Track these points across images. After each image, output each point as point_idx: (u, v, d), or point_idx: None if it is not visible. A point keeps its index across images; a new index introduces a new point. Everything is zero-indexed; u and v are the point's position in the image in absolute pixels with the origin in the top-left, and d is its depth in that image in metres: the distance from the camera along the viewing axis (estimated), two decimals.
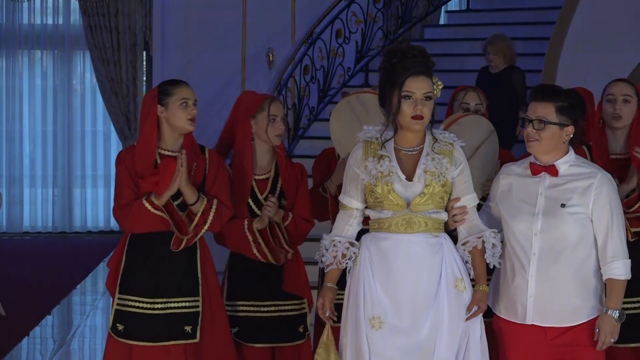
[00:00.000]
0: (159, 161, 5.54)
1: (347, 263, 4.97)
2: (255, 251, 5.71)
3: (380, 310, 4.83)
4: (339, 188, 5.60)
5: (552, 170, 5.05)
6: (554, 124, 4.99)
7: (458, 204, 4.95)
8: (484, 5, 15.17)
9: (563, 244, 4.97)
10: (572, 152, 5.09)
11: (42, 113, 17.48)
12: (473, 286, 4.93)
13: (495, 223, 5.13)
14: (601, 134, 5.81)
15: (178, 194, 5.53)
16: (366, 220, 5.05)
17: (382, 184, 4.85)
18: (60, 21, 17.29)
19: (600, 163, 5.50)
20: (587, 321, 4.97)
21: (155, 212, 5.44)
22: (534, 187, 5.07)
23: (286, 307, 5.86)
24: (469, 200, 4.99)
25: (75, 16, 17.15)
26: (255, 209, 5.82)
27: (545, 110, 5.01)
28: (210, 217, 5.56)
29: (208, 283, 5.64)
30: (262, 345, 5.82)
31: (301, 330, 5.89)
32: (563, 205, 4.97)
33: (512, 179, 5.16)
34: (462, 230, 5.00)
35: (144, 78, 16.80)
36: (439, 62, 12.58)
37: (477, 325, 4.90)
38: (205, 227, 5.57)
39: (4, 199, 12.78)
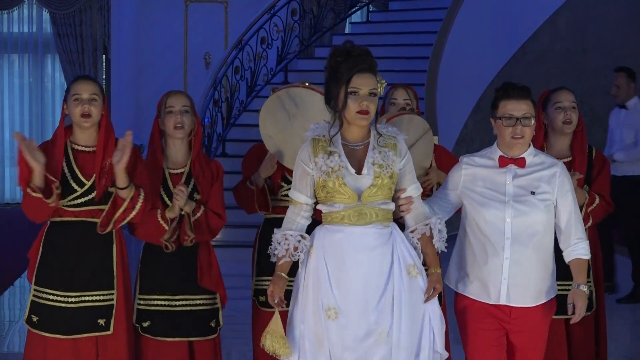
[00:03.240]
0: (71, 156, 4.86)
1: (299, 255, 4.40)
2: (164, 239, 5.03)
3: (335, 301, 4.28)
4: (266, 181, 5.29)
5: (521, 162, 4.55)
6: (535, 118, 4.56)
7: (404, 195, 4.44)
8: (381, 18, 15.24)
9: (534, 229, 4.50)
10: (531, 144, 4.65)
11: (19, 107, 17.30)
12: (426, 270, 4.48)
13: (449, 208, 4.68)
14: (542, 139, 5.31)
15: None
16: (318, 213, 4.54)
17: (333, 178, 4.29)
18: (34, 29, 17.12)
19: None
20: (545, 302, 4.58)
21: (33, 194, 4.67)
22: (500, 177, 4.56)
23: (198, 302, 5.13)
24: (414, 189, 4.46)
25: (47, 25, 16.99)
26: (167, 200, 5.06)
27: (527, 106, 4.51)
28: (139, 204, 4.84)
29: (124, 277, 4.97)
30: (174, 339, 5.09)
31: (213, 325, 5.15)
32: (533, 193, 4.51)
33: (475, 170, 4.61)
34: (409, 219, 4.47)
35: (104, 77, 16.63)
36: None
37: (436, 306, 4.41)
38: (133, 213, 4.83)
39: None
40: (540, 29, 14.35)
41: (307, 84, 5.00)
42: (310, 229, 4.49)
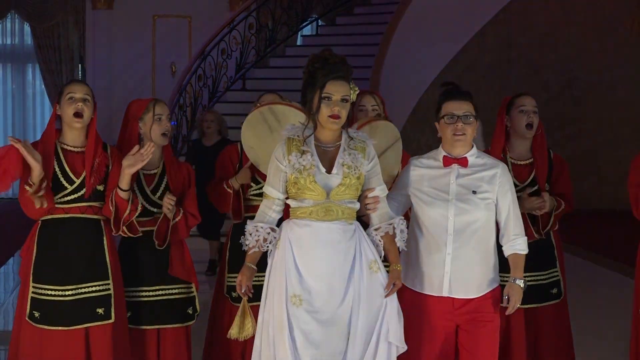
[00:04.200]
0: (61, 155, 4.69)
1: (267, 246, 4.24)
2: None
3: (300, 289, 4.12)
4: (242, 186, 5.17)
5: (463, 162, 4.39)
6: (476, 117, 4.40)
7: (372, 194, 4.29)
8: (329, 31, 15.21)
9: (474, 226, 4.33)
10: (474, 145, 4.48)
11: (3, 111, 17.21)
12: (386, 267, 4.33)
13: (399, 208, 4.53)
14: (504, 141, 5.14)
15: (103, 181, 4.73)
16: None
17: (305, 176, 4.15)
18: (16, 41, 17.03)
19: None
20: (488, 292, 4.40)
21: (28, 188, 4.52)
22: (444, 177, 4.39)
23: (174, 291, 4.95)
24: (381, 190, 4.32)
25: (28, 38, 16.89)
26: (142, 200, 4.85)
27: (468, 106, 4.36)
28: (139, 206, 4.75)
29: (116, 267, 4.79)
30: (152, 327, 4.93)
31: (190, 311, 5.00)
32: (474, 192, 4.34)
33: (422, 171, 4.45)
34: (374, 217, 4.32)
35: None
36: (296, 73, 12.65)
37: (394, 300, 4.23)
38: (137, 213, 4.72)
39: None
40: (470, 42, 14.46)
41: (290, 102, 4.81)
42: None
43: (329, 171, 4.18)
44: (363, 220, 4.39)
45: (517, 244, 4.42)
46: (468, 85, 14.37)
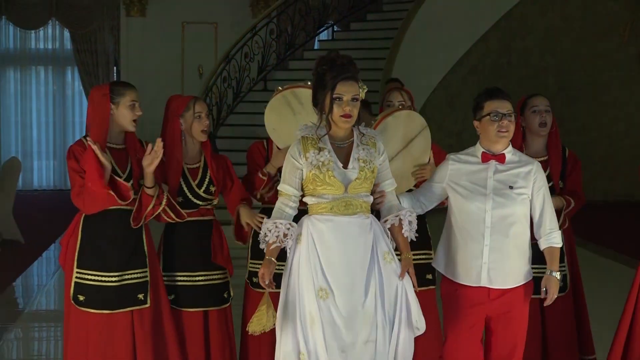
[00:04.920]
0: (108, 153, 4.52)
1: (287, 241, 4.09)
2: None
3: (325, 283, 3.99)
4: (278, 170, 4.86)
5: (501, 158, 4.27)
6: (517, 116, 4.32)
7: (379, 189, 4.19)
8: (343, 36, 15.22)
9: (511, 220, 4.22)
10: (510, 143, 4.37)
11: (44, 110, 17.22)
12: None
13: (434, 199, 4.43)
14: (521, 140, 4.99)
15: (127, 177, 4.62)
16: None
17: (324, 171, 4.02)
18: (57, 46, 17.05)
19: None
20: (522, 284, 4.30)
21: (112, 193, 4.48)
22: (482, 172, 4.27)
23: (214, 277, 4.87)
24: (389, 185, 4.21)
25: (67, 42, 16.90)
26: (187, 192, 4.78)
27: (509, 106, 4.25)
28: (164, 200, 4.61)
29: (153, 256, 4.73)
30: (196, 310, 4.85)
31: (226, 295, 4.92)
32: (511, 187, 4.23)
33: (460, 165, 4.32)
34: (383, 210, 4.22)
35: None
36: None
37: (410, 287, 4.11)
38: (160, 209, 4.61)
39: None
40: (473, 47, 14.42)
41: (309, 84, 4.56)
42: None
43: (345, 166, 4.07)
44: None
45: (552, 238, 4.28)
46: (471, 86, 14.45)
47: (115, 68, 16.59)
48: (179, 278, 4.83)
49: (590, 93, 14.73)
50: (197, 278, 4.85)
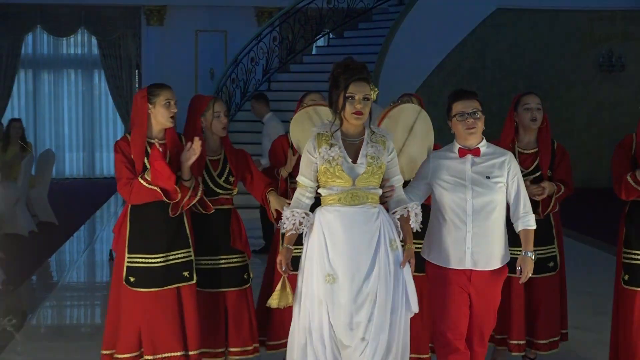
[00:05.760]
0: (148, 149, 4.46)
1: (303, 229, 4.00)
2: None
3: (332, 268, 3.90)
4: (289, 174, 4.87)
5: (476, 152, 4.16)
6: (482, 113, 4.17)
7: (388, 184, 4.06)
8: (338, 43, 15.19)
9: (490, 207, 4.11)
10: (484, 137, 4.25)
11: (75, 109, 17.18)
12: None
13: (420, 195, 4.26)
14: (513, 133, 4.86)
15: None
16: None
17: (334, 165, 3.91)
18: (85, 51, 17.03)
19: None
20: (501, 266, 4.20)
21: (149, 186, 4.38)
22: (460, 165, 4.15)
23: (234, 260, 4.77)
24: (397, 180, 4.08)
25: (94, 48, 16.88)
26: (209, 181, 4.69)
27: (476, 104, 4.14)
28: (200, 191, 4.54)
29: (192, 239, 4.60)
30: (217, 290, 4.75)
31: (245, 277, 4.80)
32: (488, 177, 4.12)
33: (441, 161, 4.21)
34: (391, 203, 4.08)
35: (137, 86, 16.50)
36: (313, 76, 12.76)
37: (409, 274, 4.01)
38: (196, 199, 4.53)
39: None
40: (452, 52, 14.44)
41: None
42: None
43: (354, 161, 3.95)
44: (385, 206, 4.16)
45: (527, 220, 4.17)
46: (451, 87, 14.47)
47: (137, 71, 16.56)
48: (203, 262, 4.70)
49: (554, 93, 14.78)
50: (220, 261, 4.74)
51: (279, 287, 4.05)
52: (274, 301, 4.07)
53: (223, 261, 4.74)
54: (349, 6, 14.67)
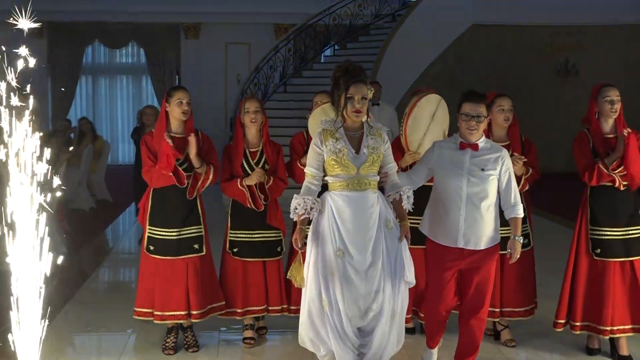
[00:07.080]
0: (170, 142, 4.40)
1: (313, 213, 3.89)
2: (248, 201, 4.63)
3: (341, 245, 3.80)
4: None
5: (475, 147, 4.01)
6: (486, 117, 4.03)
7: (384, 170, 3.95)
8: (342, 53, 15.12)
9: (482, 195, 3.97)
10: (483, 135, 4.10)
11: (126, 109, 17.22)
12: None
13: (423, 177, 4.17)
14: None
15: (183, 161, 4.51)
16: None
17: (340, 156, 3.82)
18: (135, 60, 17.04)
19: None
20: (491, 247, 4.07)
21: (164, 172, 4.40)
22: (460, 157, 4.02)
23: (269, 235, 4.70)
24: (392, 167, 3.97)
25: (142, 58, 16.85)
26: (248, 169, 4.65)
27: (481, 109, 3.97)
28: (211, 176, 4.51)
29: (204, 217, 4.60)
30: (254, 260, 4.71)
31: (279, 250, 4.74)
32: (482, 170, 3.99)
33: (443, 151, 4.07)
34: (386, 187, 3.98)
35: None
36: (321, 81, 12.82)
37: (407, 249, 3.91)
38: (208, 182, 4.51)
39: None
40: (436, 60, 14.40)
41: None
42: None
43: (357, 152, 3.86)
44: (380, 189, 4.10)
45: (516, 209, 4.02)
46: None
47: (177, 77, 16.55)
48: (240, 235, 4.69)
49: (521, 94, 14.73)
50: (255, 235, 4.70)
51: (295, 260, 4.00)
52: (292, 272, 4.01)
53: (258, 235, 4.68)
54: (351, 23, 14.62)
